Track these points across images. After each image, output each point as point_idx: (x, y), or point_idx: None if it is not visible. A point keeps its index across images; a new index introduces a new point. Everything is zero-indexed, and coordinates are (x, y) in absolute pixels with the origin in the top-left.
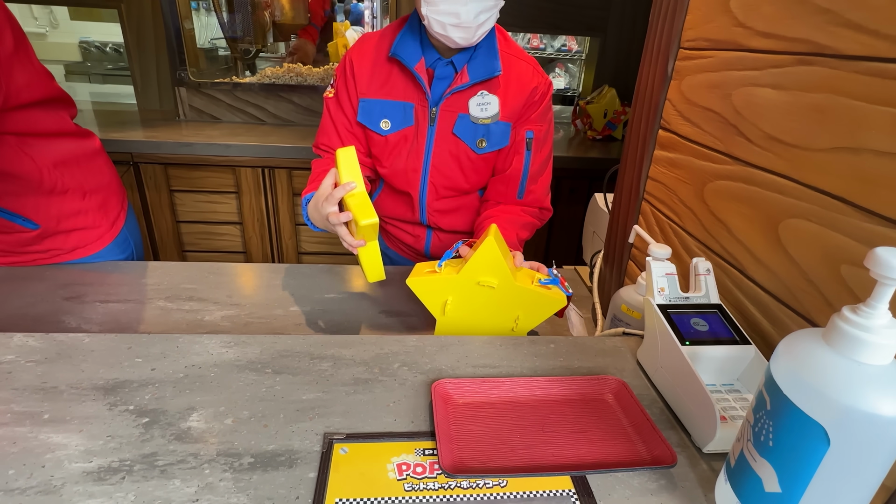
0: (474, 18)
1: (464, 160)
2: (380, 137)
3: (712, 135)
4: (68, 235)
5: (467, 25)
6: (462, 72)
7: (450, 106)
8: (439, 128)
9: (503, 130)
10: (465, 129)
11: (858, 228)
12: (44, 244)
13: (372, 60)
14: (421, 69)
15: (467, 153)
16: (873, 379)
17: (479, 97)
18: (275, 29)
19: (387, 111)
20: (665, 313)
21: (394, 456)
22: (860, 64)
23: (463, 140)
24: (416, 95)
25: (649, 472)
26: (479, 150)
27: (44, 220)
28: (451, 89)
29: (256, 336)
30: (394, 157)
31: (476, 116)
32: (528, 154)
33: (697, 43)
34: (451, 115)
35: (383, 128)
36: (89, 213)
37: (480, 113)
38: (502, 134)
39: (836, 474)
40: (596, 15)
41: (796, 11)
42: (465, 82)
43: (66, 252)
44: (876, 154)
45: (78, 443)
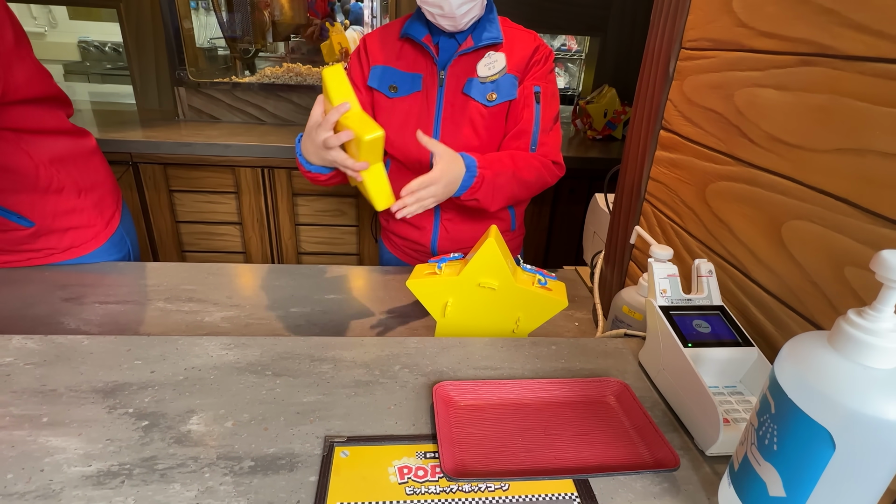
0: (457, 8)
1: (475, 116)
2: (387, 101)
3: (714, 135)
4: (63, 234)
5: (451, 15)
6: (467, 39)
7: (457, 70)
8: (448, 89)
9: (511, 82)
10: (473, 88)
11: (862, 230)
12: (38, 242)
13: (383, 39)
14: (428, 41)
15: (478, 109)
16: (879, 383)
17: (487, 58)
18: (274, 28)
19: (396, 78)
20: (667, 315)
21: (395, 459)
22: (864, 65)
23: (473, 97)
24: (424, 66)
25: (652, 475)
26: (489, 103)
27: (39, 217)
28: (458, 52)
29: (256, 338)
30: (401, 124)
31: (484, 76)
32: (537, 107)
33: (699, 43)
34: (459, 80)
35: (390, 91)
36: (84, 211)
37: (488, 71)
38: (511, 86)
39: (842, 479)
40: (596, 14)
41: (799, 11)
42: (471, 46)
43: (60, 251)
44: (880, 155)
45: (77, 446)
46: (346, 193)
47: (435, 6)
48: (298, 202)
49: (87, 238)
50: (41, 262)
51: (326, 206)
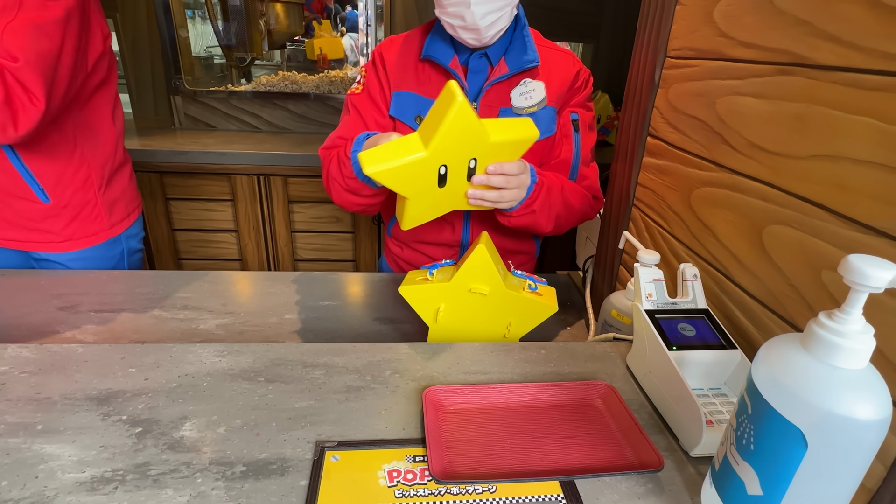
0: (480, 20)
1: None
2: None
3: (698, 142)
4: (70, 221)
5: (473, 27)
6: (500, 63)
7: (490, 100)
8: None
9: (551, 117)
10: None
11: (837, 235)
12: (45, 223)
13: (403, 59)
14: (455, 65)
15: None
16: (849, 383)
17: (522, 86)
18: (269, 37)
19: (421, 107)
20: (653, 318)
21: (385, 463)
22: (837, 74)
23: None
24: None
25: (637, 476)
26: None
27: (57, 195)
28: (491, 80)
29: (250, 345)
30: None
31: (520, 107)
32: (576, 136)
33: (683, 52)
34: (492, 110)
35: (416, 122)
36: (96, 206)
37: (524, 102)
38: (550, 121)
39: (815, 477)
40: (588, 22)
41: (776, 23)
42: (505, 73)
43: (59, 241)
44: (853, 162)
45: (71, 453)
46: None
47: (456, 17)
48: (294, 209)
49: (87, 233)
50: (38, 249)
51: (322, 212)
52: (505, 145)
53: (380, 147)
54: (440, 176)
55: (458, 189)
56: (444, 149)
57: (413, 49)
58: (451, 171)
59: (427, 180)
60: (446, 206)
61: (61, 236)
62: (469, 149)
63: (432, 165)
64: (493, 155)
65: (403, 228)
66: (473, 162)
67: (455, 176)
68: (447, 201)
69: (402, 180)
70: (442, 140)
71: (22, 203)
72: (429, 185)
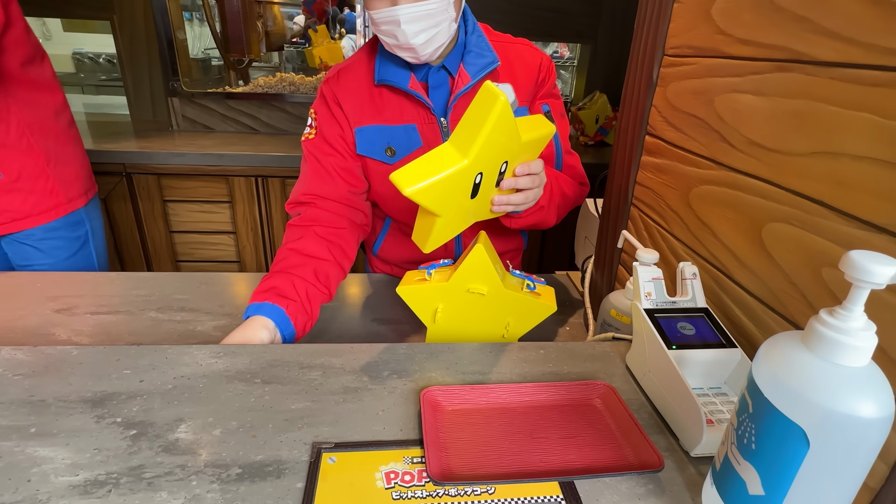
0: (413, 38)
1: None
2: (386, 167)
3: (697, 140)
4: (26, 196)
5: (407, 46)
6: (460, 72)
7: (460, 113)
8: None
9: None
10: None
11: (838, 232)
12: (3, 202)
13: (355, 90)
14: (415, 85)
15: None
16: (850, 381)
17: None
18: (267, 39)
19: (388, 137)
20: (652, 317)
21: (382, 464)
22: (836, 70)
23: None
24: (416, 114)
25: (637, 476)
26: None
27: (5, 169)
28: (456, 94)
29: (246, 346)
30: None
31: None
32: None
33: (681, 50)
34: None
35: (389, 156)
36: (49, 180)
37: None
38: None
39: (817, 476)
40: (586, 22)
41: (774, 19)
42: (468, 82)
43: (19, 218)
44: (853, 158)
45: (64, 456)
46: None
47: (389, 35)
48: None
49: (46, 207)
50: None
51: None
52: (531, 143)
53: (413, 163)
54: (475, 185)
55: (485, 199)
56: (485, 154)
57: (363, 76)
58: (485, 179)
59: (462, 192)
60: (471, 219)
61: (21, 212)
62: (504, 151)
63: (471, 174)
64: (521, 155)
65: (426, 251)
66: (504, 165)
67: (486, 184)
68: (473, 213)
69: (439, 196)
70: (484, 145)
71: None
72: (462, 198)
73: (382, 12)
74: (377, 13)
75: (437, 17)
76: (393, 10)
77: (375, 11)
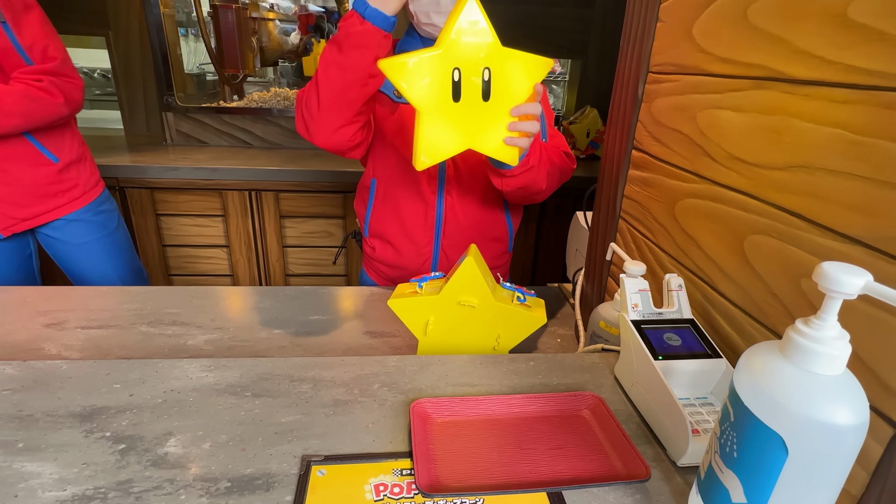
0: (450, 5)
1: None
2: (392, 105)
3: (681, 155)
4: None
5: (447, 10)
6: None
7: None
8: None
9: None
10: None
11: (814, 244)
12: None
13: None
14: None
15: None
16: (826, 389)
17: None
18: (262, 54)
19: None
20: (639, 329)
21: (371, 477)
22: (809, 88)
23: None
24: None
25: (624, 486)
26: None
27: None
28: None
29: (237, 359)
30: (404, 140)
31: None
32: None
33: (664, 67)
34: None
35: (396, 96)
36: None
37: None
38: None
39: (797, 483)
40: (577, 38)
41: (751, 38)
42: None
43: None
44: (827, 172)
45: (52, 471)
46: (333, 215)
47: (431, 3)
48: (286, 224)
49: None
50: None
51: (314, 227)
52: (518, 60)
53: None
54: (454, 84)
55: (473, 115)
56: (458, 46)
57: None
58: (466, 85)
59: (441, 88)
60: (462, 138)
61: (71, 195)
62: (483, 54)
63: (445, 65)
64: (508, 71)
65: (418, 166)
66: (487, 73)
67: (469, 91)
68: (463, 129)
69: (413, 81)
70: (456, 35)
71: (40, 170)
72: (443, 97)
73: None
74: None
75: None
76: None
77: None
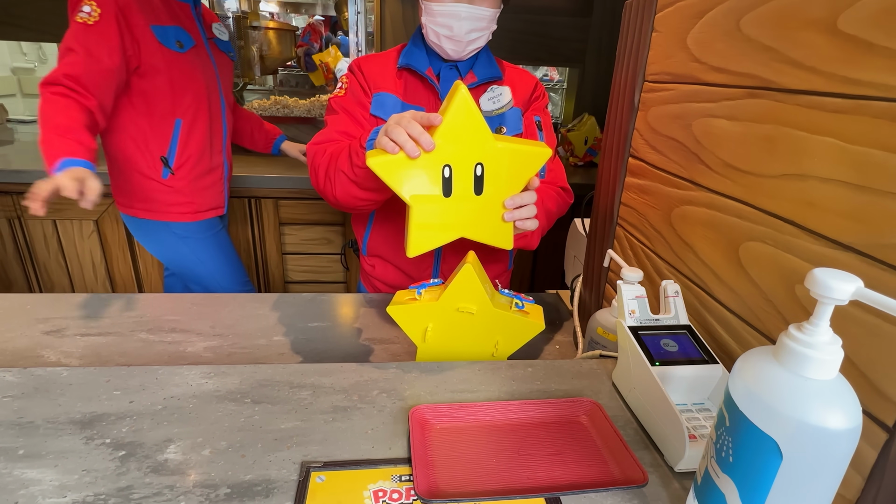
0: (465, 35)
1: None
2: None
3: (677, 162)
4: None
5: (458, 39)
6: (469, 74)
7: None
8: None
9: (517, 116)
10: None
11: (808, 250)
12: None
13: (381, 69)
14: (430, 73)
15: None
16: (819, 393)
17: (490, 91)
18: (262, 62)
19: (399, 109)
20: (636, 335)
21: (370, 483)
22: (801, 97)
23: None
24: (426, 98)
25: (622, 492)
26: None
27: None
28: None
29: (236, 366)
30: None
31: (489, 110)
32: (540, 134)
33: (660, 76)
34: None
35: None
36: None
37: (493, 105)
38: (517, 119)
39: (792, 487)
40: (574, 47)
41: (744, 49)
42: (474, 81)
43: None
44: (820, 180)
45: (52, 478)
46: (332, 222)
47: (444, 27)
48: (285, 231)
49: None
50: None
51: (313, 234)
52: (512, 154)
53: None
54: (444, 180)
55: (466, 207)
56: (449, 143)
57: (390, 62)
58: (458, 179)
59: (430, 181)
60: (455, 228)
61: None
62: (473, 149)
63: (436, 163)
64: (502, 164)
65: (409, 254)
66: (480, 169)
67: (461, 186)
68: (455, 220)
69: (400, 175)
70: (445, 132)
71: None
72: (434, 193)
73: (446, 6)
74: (439, 6)
75: (486, 23)
76: (456, 6)
77: (438, 4)
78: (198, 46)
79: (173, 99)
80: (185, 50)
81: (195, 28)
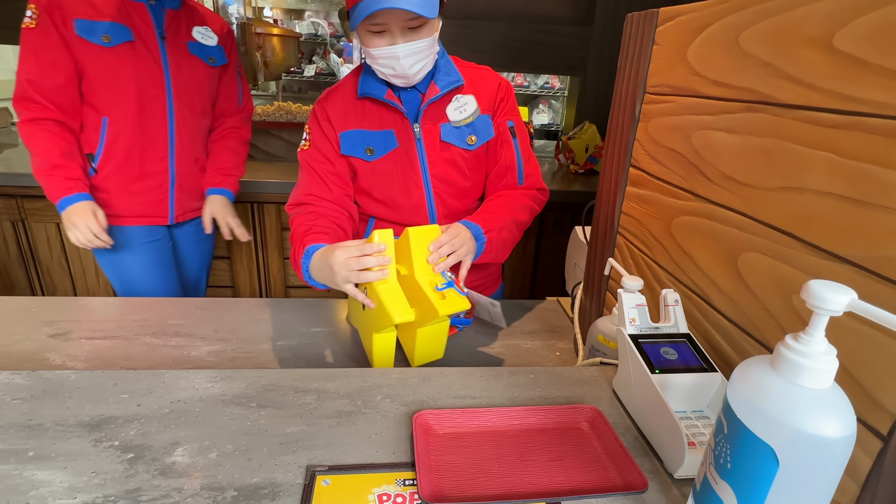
0: (409, 68)
1: (459, 161)
2: (366, 165)
3: (676, 173)
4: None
5: (403, 75)
6: (431, 87)
7: (429, 118)
8: (426, 140)
9: (486, 122)
10: (451, 134)
11: (804, 261)
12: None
13: (342, 104)
14: (391, 96)
15: (461, 154)
16: (815, 402)
17: (455, 102)
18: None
19: (367, 140)
20: (636, 343)
21: (375, 487)
22: (798, 112)
23: (454, 144)
24: (392, 120)
25: (622, 497)
26: (470, 146)
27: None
28: (426, 102)
29: (242, 371)
30: (387, 183)
31: (456, 120)
32: (514, 141)
33: (660, 88)
34: (433, 127)
35: (368, 155)
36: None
37: (460, 115)
38: (486, 126)
39: (788, 493)
40: (576, 56)
41: (743, 64)
42: (437, 93)
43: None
44: (816, 193)
45: (62, 479)
46: None
47: (387, 67)
48: (287, 236)
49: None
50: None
51: None
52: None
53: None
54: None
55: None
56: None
57: (349, 93)
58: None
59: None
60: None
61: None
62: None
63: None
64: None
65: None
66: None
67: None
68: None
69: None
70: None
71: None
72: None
73: (382, 50)
74: (377, 50)
75: (427, 51)
76: (393, 49)
77: (375, 49)
78: (135, 43)
79: (97, 94)
80: (113, 45)
81: (146, 25)
